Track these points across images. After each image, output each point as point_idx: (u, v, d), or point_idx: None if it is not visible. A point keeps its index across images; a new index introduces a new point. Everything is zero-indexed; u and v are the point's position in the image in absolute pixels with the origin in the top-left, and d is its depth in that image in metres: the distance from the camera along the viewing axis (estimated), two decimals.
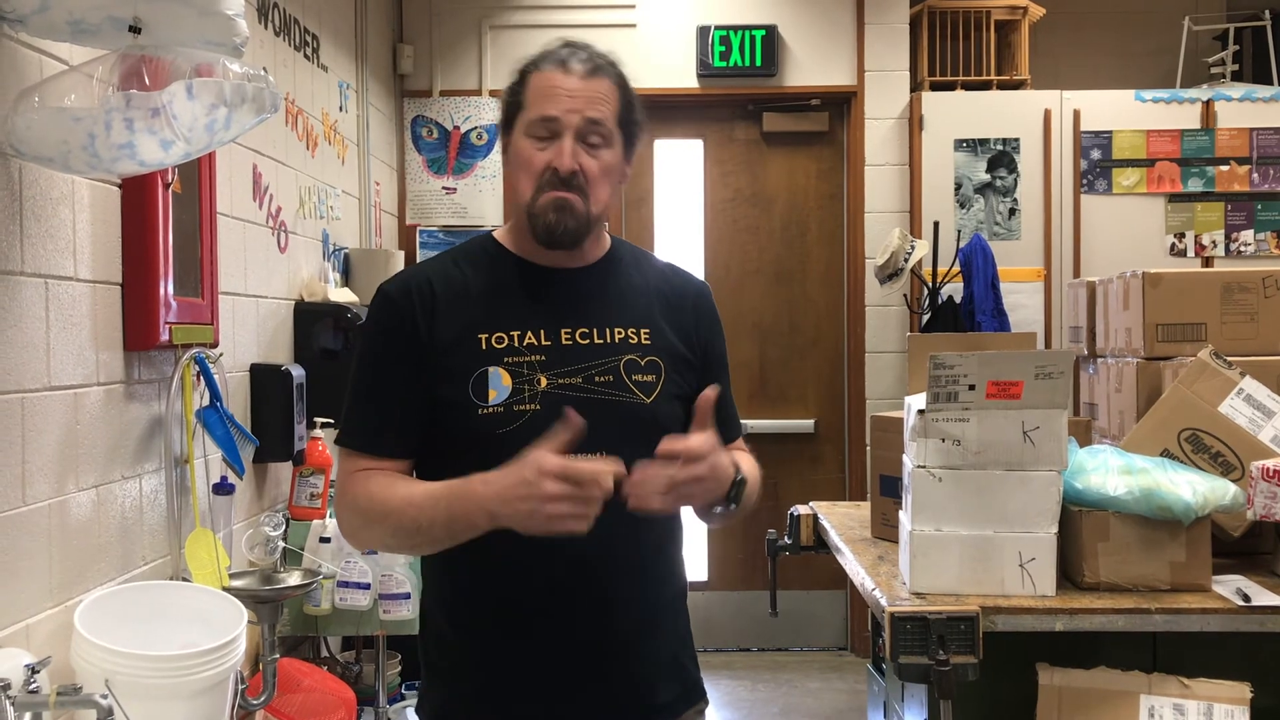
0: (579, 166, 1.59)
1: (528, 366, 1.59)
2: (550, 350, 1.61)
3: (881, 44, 5.08)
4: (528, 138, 1.61)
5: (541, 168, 1.59)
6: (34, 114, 1.84)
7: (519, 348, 1.60)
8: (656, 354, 1.65)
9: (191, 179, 2.63)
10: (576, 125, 1.59)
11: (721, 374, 1.76)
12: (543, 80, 1.61)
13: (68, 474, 2.19)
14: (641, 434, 1.57)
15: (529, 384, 1.59)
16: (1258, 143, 4.87)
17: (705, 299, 1.79)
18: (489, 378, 1.59)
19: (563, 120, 1.59)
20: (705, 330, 1.75)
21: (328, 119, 3.96)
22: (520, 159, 1.62)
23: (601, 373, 1.62)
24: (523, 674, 1.61)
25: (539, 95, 1.61)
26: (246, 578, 2.77)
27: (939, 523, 2.07)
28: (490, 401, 1.58)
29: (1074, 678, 2.03)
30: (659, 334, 1.68)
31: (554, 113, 1.59)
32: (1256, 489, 2.10)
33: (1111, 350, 2.84)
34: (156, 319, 2.42)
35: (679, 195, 5.29)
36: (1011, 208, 4.88)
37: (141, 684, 1.98)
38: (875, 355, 5.12)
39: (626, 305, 1.68)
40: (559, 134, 1.59)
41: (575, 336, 1.63)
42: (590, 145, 1.61)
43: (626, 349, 1.64)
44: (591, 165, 1.60)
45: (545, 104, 1.60)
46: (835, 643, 5.25)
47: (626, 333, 1.65)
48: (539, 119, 1.60)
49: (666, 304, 1.72)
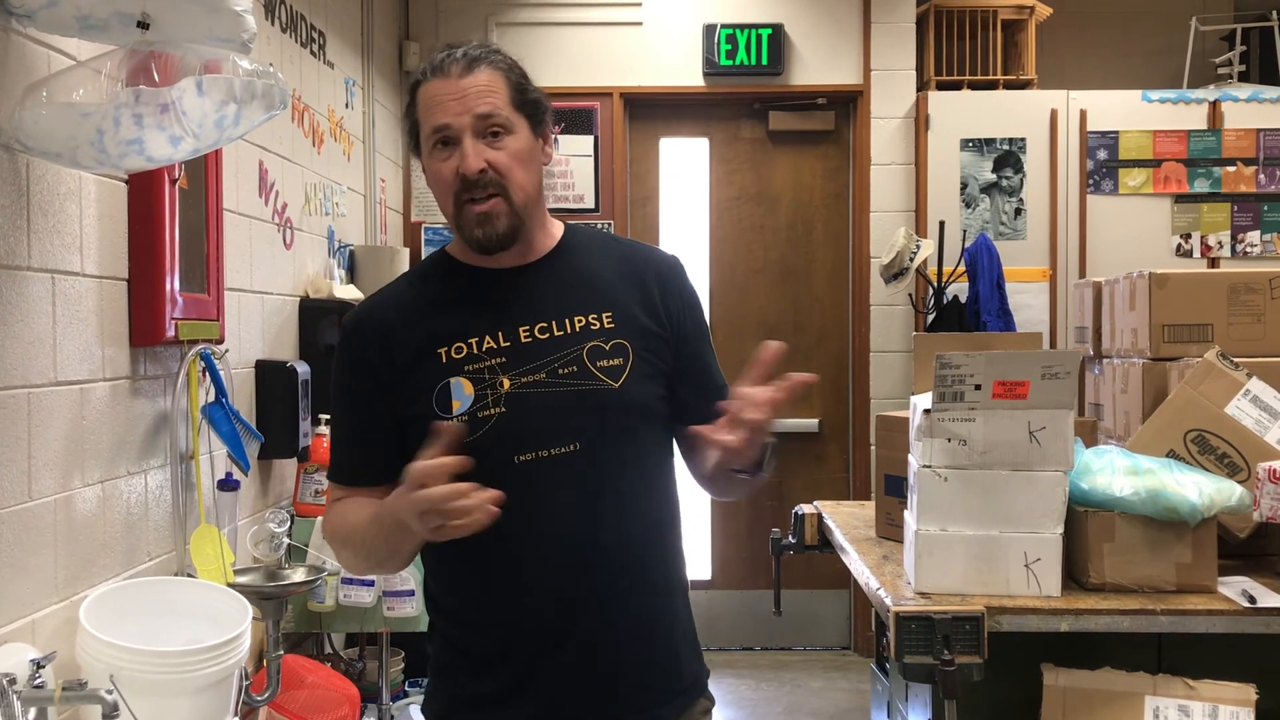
0: (486, 163, 1.58)
1: (489, 371, 1.59)
2: (510, 351, 1.60)
3: (888, 43, 5.08)
4: (431, 153, 1.61)
5: (452, 178, 1.58)
6: (42, 109, 1.84)
7: (479, 354, 1.60)
8: (622, 336, 1.63)
9: (198, 175, 2.64)
10: (469, 125, 1.58)
11: (701, 344, 1.73)
12: (427, 93, 1.60)
13: (73, 469, 2.19)
14: (613, 420, 1.57)
15: (491, 388, 1.58)
16: (1265, 143, 4.86)
17: (670, 271, 1.74)
18: (451, 389, 1.58)
19: (454, 125, 1.58)
20: (674, 303, 1.70)
21: (334, 116, 3.97)
22: (431, 176, 1.62)
23: (564, 364, 1.60)
24: (526, 674, 1.60)
25: (427, 108, 1.60)
26: (251, 574, 2.77)
27: (944, 522, 2.07)
28: (455, 412, 1.57)
29: (1079, 678, 2.03)
30: (622, 316, 1.65)
31: (444, 120, 1.58)
32: (1263, 490, 2.10)
33: (1117, 351, 2.83)
34: (162, 315, 2.42)
35: (684, 194, 5.29)
36: (1017, 207, 4.88)
37: (146, 679, 1.98)
38: (880, 355, 5.11)
39: (584, 292, 1.66)
40: (456, 139, 1.58)
41: (534, 332, 1.62)
42: (491, 138, 1.59)
43: (589, 336, 1.62)
44: (498, 157, 1.59)
45: (434, 114, 1.59)
46: (839, 642, 5.25)
47: (587, 319, 1.63)
48: (432, 131, 1.59)
49: (627, 283, 1.69)
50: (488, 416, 1.57)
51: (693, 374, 1.70)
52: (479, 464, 1.53)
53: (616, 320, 1.64)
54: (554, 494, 1.58)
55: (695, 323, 1.74)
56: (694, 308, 1.75)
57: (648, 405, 1.64)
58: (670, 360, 1.67)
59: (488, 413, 1.57)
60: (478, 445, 1.54)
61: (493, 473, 1.54)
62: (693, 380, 1.70)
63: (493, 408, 1.57)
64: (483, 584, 1.62)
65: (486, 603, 1.62)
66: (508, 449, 1.57)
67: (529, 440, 1.57)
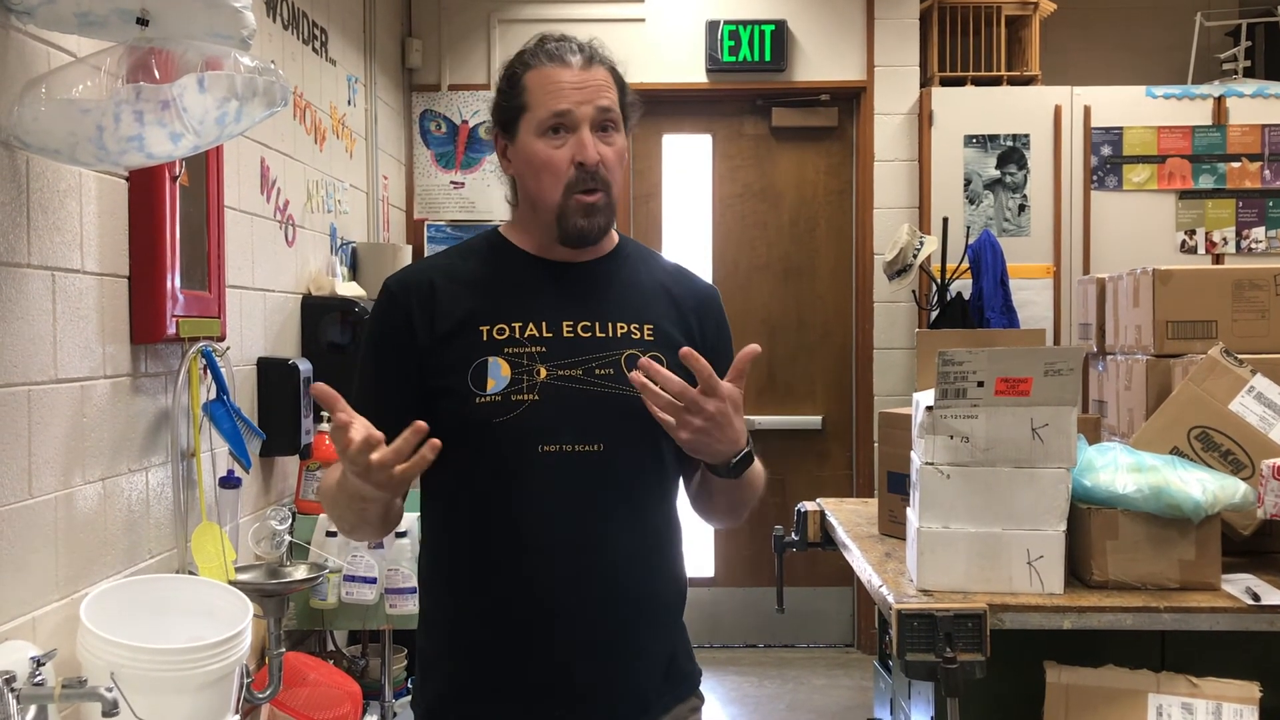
0: (600, 156, 1.59)
1: (528, 357, 1.59)
2: (551, 342, 1.60)
3: (891, 39, 5.07)
4: (541, 138, 1.60)
5: (565, 165, 1.59)
6: (41, 105, 1.83)
7: (520, 339, 1.60)
8: (659, 350, 1.64)
9: (199, 172, 2.63)
10: (591, 116, 1.59)
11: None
12: (543, 77, 1.60)
13: (74, 467, 2.19)
14: (640, 427, 1.57)
15: (528, 374, 1.58)
16: (1269, 139, 4.85)
17: (713, 302, 1.77)
18: (488, 367, 1.58)
19: (577, 113, 1.59)
20: (711, 334, 1.73)
21: (336, 113, 3.96)
22: (538, 160, 1.61)
23: (602, 365, 1.61)
24: (517, 668, 1.60)
25: (544, 93, 1.60)
26: (253, 571, 2.77)
27: (947, 520, 2.07)
28: (488, 390, 1.57)
29: (1082, 676, 2.02)
30: (662, 332, 1.66)
31: (566, 106, 1.58)
32: (1267, 487, 2.09)
33: (1121, 347, 2.83)
34: (163, 312, 2.42)
35: (687, 190, 5.28)
36: (1021, 204, 4.86)
37: (147, 677, 1.98)
38: (883, 351, 5.10)
39: (630, 301, 1.67)
40: (574, 128, 1.59)
41: (577, 329, 1.62)
42: (603, 133, 1.61)
43: (628, 343, 1.63)
44: (609, 153, 1.61)
45: (554, 100, 1.59)
46: (842, 639, 5.25)
47: (629, 328, 1.64)
48: (551, 115, 1.59)
49: (672, 303, 1.70)
50: (520, 401, 1.57)
51: None
52: (503, 447, 1.56)
53: (656, 335, 1.66)
54: (570, 488, 1.59)
55: (727, 354, 1.74)
56: (728, 341, 1.77)
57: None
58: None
59: (521, 397, 1.57)
60: (506, 428, 1.55)
61: (515, 458, 1.57)
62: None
63: (527, 394, 1.57)
64: (483, 569, 1.61)
65: (486, 589, 1.61)
66: (534, 437, 1.57)
67: (556, 432, 1.58)
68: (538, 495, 1.58)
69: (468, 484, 1.61)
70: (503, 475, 1.59)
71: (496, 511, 1.60)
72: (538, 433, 1.57)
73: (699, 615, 1.56)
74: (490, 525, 1.59)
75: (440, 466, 1.53)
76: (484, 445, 1.57)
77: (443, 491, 1.65)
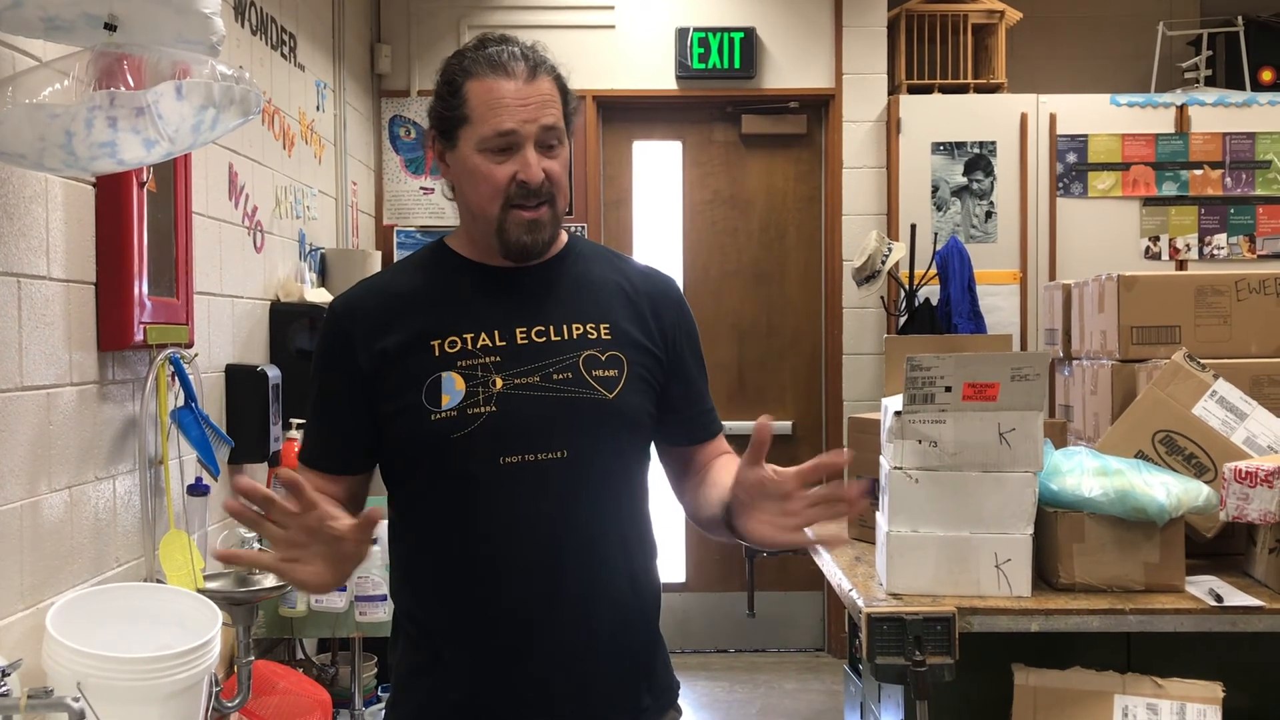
0: (544, 173, 1.56)
1: (482, 369, 1.57)
2: (505, 351, 1.58)
3: (859, 47, 5.10)
4: (481, 153, 1.56)
5: (505, 182, 1.56)
6: (6, 108, 1.81)
7: (473, 350, 1.57)
8: (618, 348, 1.62)
9: (167, 178, 2.62)
10: (535, 135, 1.56)
11: (693, 366, 1.72)
12: (486, 90, 1.56)
13: (40, 475, 2.17)
14: (605, 429, 1.57)
15: (483, 386, 1.56)
16: (1231, 147, 4.92)
17: (668, 289, 1.73)
18: (442, 383, 1.56)
19: (521, 132, 1.55)
20: (669, 323, 1.70)
21: (305, 118, 3.95)
22: (478, 174, 1.57)
23: (560, 370, 1.58)
24: (493, 685, 1.58)
25: (487, 108, 1.55)
26: (221, 580, 2.75)
27: (915, 524, 2.08)
28: (443, 406, 1.55)
29: (1049, 678, 2.04)
30: (619, 329, 1.64)
31: (510, 126, 1.54)
32: (1229, 490, 2.12)
33: (1087, 352, 2.86)
34: (131, 319, 2.40)
35: (657, 197, 5.29)
36: (988, 210, 4.91)
37: (114, 686, 1.96)
38: (853, 357, 5.13)
39: (584, 301, 1.65)
40: (518, 146, 1.55)
41: (531, 335, 1.60)
42: (548, 149, 1.58)
43: (586, 345, 1.61)
44: (554, 168, 1.58)
45: (497, 118, 1.55)
46: (812, 644, 5.26)
47: (585, 328, 1.62)
48: (496, 134, 1.55)
49: (625, 298, 1.68)
50: (477, 414, 1.55)
51: (682, 394, 1.70)
52: (464, 462, 1.53)
53: (613, 332, 1.63)
54: (536, 499, 1.56)
55: (689, 344, 1.73)
56: (689, 331, 1.74)
57: (638, 419, 1.63)
58: (662, 378, 1.66)
59: (477, 410, 1.55)
60: (465, 443, 1.53)
61: (477, 472, 1.55)
62: (681, 401, 1.70)
63: (483, 406, 1.55)
64: (455, 585, 1.59)
65: (457, 605, 1.60)
66: (495, 449, 1.55)
67: (517, 443, 1.55)
68: (503, 509, 1.55)
69: (432, 502, 1.59)
70: (467, 491, 1.56)
71: (464, 528, 1.57)
72: (498, 445, 1.55)
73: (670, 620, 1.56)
74: (458, 542, 1.57)
75: (403, 485, 1.52)
76: (444, 462, 1.55)
77: (408, 510, 1.63)
